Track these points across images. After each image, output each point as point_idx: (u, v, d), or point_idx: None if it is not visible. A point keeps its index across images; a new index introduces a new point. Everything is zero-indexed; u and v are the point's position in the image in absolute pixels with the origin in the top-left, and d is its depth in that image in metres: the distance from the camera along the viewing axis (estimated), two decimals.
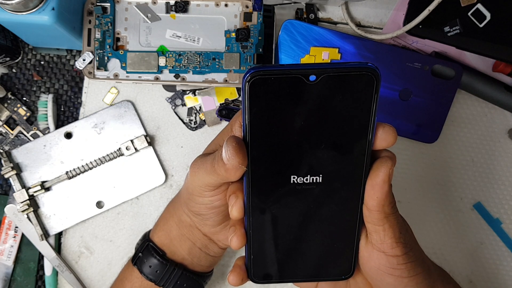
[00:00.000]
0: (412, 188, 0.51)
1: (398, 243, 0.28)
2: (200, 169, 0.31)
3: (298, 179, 0.28)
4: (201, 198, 0.34)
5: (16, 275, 0.49)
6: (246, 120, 0.27)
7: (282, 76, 0.25)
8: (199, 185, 0.32)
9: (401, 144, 0.50)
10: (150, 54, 0.47)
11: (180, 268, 0.40)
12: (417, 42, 0.50)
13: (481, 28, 0.45)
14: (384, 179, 0.27)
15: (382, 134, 0.27)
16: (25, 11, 0.40)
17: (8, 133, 0.50)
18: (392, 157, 0.28)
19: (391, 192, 0.28)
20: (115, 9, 0.47)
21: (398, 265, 0.29)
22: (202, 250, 0.40)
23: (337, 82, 0.26)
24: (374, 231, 0.29)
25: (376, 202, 0.27)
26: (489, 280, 0.50)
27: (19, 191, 0.47)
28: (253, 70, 0.25)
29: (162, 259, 0.40)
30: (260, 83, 0.26)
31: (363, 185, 0.28)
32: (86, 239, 0.49)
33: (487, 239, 0.50)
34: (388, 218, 0.28)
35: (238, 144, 0.27)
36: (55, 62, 0.51)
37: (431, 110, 0.49)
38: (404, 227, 0.29)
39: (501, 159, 0.51)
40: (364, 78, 0.25)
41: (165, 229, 0.41)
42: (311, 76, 0.25)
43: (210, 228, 0.38)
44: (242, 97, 0.26)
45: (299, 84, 0.26)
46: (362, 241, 0.30)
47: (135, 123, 0.49)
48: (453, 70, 0.48)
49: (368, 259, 0.30)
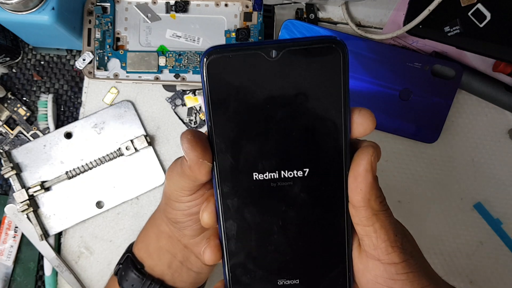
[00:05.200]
0: (412, 188, 0.51)
1: (393, 247, 0.25)
2: (173, 172, 0.28)
3: (271, 175, 0.25)
4: (177, 204, 0.31)
5: (16, 275, 0.49)
6: (208, 106, 0.24)
7: (241, 53, 0.24)
8: (175, 190, 0.29)
9: (401, 144, 0.50)
10: (150, 54, 0.47)
11: (157, 283, 0.37)
12: (417, 42, 0.50)
13: (481, 28, 0.45)
14: (366, 168, 0.24)
15: (358, 118, 0.25)
16: (25, 11, 0.40)
17: (8, 133, 0.50)
18: (374, 145, 0.25)
19: (378, 186, 0.25)
20: (115, 9, 0.47)
21: (398, 275, 0.25)
22: (183, 264, 0.37)
23: (300, 57, 0.24)
24: (365, 234, 0.25)
25: (361, 196, 0.24)
26: (489, 280, 0.50)
27: (19, 191, 0.47)
28: (211, 49, 0.24)
29: (138, 273, 0.37)
30: (219, 62, 0.24)
31: (345, 179, 0.25)
32: (86, 239, 0.49)
33: (487, 239, 0.50)
34: (378, 216, 0.25)
35: (194, 137, 0.24)
36: (55, 62, 0.51)
37: (431, 110, 0.49)
38: (400, 231, 0.26)
39: (502, 159, 0.51)
40: (328, 51, 0.23)
41: (144, 240, 0.38)
42: (271, 52, 0.23)
43: (189, 238, 0.35)
44: (201, 80, 0.24)
45: (260, 62, 0.24)
46: (355, 251, 0.27)
47: (135, 123, 0.49)
48: (453, 70, 0.48)
49: (363, 271, 0.26)
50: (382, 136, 0.50)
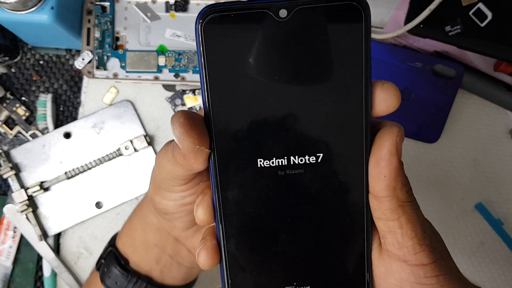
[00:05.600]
0: (413, 188, 0.50)
1: (422, 245, 0.21)
2: (163, 159, 0.24)
3: (279, 161, 0.21)
4: (168, 194, 0.27)
5: (15, 275, 0.48)
6: (204, 79, 0.21)
7: (245, 12, 0.20)
8: (166, 178, 0.25)
9: None
10: (149, 54, 0.46)
11: (144, 281, 0.34)
12: (418, 42, 0.50)
13: (483, 28, 0.45)
14: (391, 150, 0.20)
15: (381, 93, 0.21)
16: (24, 10, 0.40)
17: (7, 133, 0.50)
18: (399, 125, 0.21)
19: (404, 173, 0.21)
20: (115, 8, 0.47)
21: (426, 278, 0.21)
22: (173, 258, 0.34)
23: (314, 17, 0.20)
24: (389, 230, 0.21)
25: (385, 183, 0.20)
26: (489, 281, 0.50)
27: (18, 191, 0.46)
28: (207, 8, 0.20)
29: (123, 270, 0.34)
30: (217, 24, 0.20)
31: (365, 165, 0.21)
32: (85, 239, 0.49)
33: (488, 239, 0.50)
34: (404, 208, 0.21)
35: (188, 119, 0.20)
36: (54, 61, 0.51)
37: (432, 110, 0.49)
38: (428, 226, 0.22)
39: (503, 159, 0.50)
40: (348, 11, 0.20)
41: (129, 233, 0.35)
42: (281, 11, 0.20)
43: (180, 231, 0.32)
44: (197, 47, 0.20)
45: (267, 22, 0.20)
46: (375, 252, 0.23)
47: (135, 123, 0.49)
48: (454, 70, 0.48)
49: (385, 275, 0.22)
50: None
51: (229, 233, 0.22)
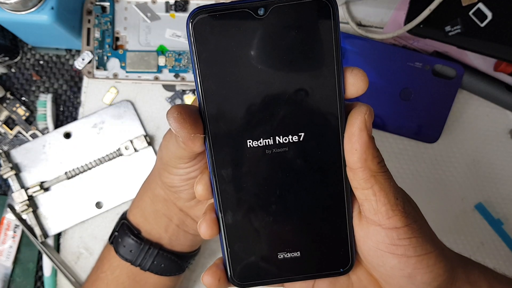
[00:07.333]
0: (413, 188, 0.50)
1: (394, 210, 0.24)
2: (169, 142, 0.29)
3: (266, 141, 0.24)
4: (175, 169, 0.31)
5: (15, 275, 0.48)
6: (197, 72, 0.24)
7: (229, 12, 0.23)
8: (172, 157, 0.29)
9: (401, 144, 0.50)
10: (149, 54, 0.46)
11: (155, 247, 0.37)
12: (418, 42, 0.50)
13: (482, 28, 0.45)
14: (360, 126, 0.23)
15: (350, 78, 0.24)
16: (24, 11, 0.40)
17: (7, 133, 0.50)
18: (367, 105, 0.24)
19: (374, 146, 0.24)
20: (115, 9, 0.47)
21: (400, 240, 0.24)
22: (179, 227, 0.38)
23: (289, 13, 0.23)
24: (365, 198, 0.24)
25: (357, 156, 0.23)
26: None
27: (18, 191, 0.46)
28: (197, 9, 0.23)
29: (136, 238, 0.37)
30: (206, 23, 0.23)
31: (341, 142, 0.25)
32: (85, 239, 0.49)
33: (488, 239, 0.50)
34: (376, 178, 0.24)
35: (181, 113, 0.24)
36: (54, 61, 0.51)
37: (432, 110, 0.49)
38: (402, 194, 0.25)
39: (503, 159, 0.50)
40: (317, 6, 0.23)
41: (139, 206, 0.38)
42: (259, 10, 0.23)
43: (184, 202, 0.35)
44: (189, 44, 0.23)
45: (248, 20, 0.23)
46: (355, 218, 0.26)
47: (135, 123, 0.49)
48: (454, 70, 0.48)
49: (364, 238, 0.26)
50: (383, 136, 0.50)
51: (226, 207, 0.26)
